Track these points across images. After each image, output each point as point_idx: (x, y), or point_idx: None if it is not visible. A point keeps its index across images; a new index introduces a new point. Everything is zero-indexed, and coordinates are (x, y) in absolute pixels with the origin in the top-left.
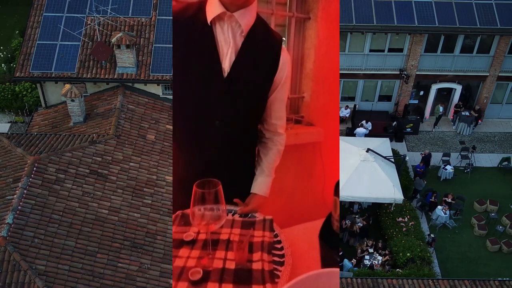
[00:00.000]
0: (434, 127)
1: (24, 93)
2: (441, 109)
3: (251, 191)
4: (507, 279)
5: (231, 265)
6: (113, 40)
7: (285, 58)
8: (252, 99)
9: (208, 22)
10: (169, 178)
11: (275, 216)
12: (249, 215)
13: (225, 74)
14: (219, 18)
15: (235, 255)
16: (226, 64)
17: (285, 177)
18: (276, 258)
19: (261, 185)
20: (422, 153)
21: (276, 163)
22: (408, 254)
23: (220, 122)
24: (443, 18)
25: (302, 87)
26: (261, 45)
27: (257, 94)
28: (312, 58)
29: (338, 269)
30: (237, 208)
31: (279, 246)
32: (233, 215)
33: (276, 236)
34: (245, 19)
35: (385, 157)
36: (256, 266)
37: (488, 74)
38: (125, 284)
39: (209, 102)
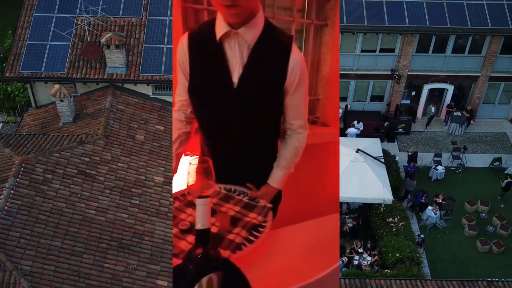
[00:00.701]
0: (426, 128)
1: (16, 93)
2: (433, 109)
3: (267, 181)
4: (497, 279)
5: (214, 229)
6: (103, 40)
7: (296, 60)
8: (264, 108)
9: (217, 39)
10: (158, 179)
11: (290, 210)
12: (255, 200)
13: (235, 87)
14: (226, 35)
15: (220, 223)
16: (235, 77)
17: (301, 175)
18: (250, 237)
19: (275, 176)
20: (409, 151)
21: (293, 159)
22: (398, 255)
23: (235, 134)
24: (434, 18)
25: (318, 90)
26: (269, 54)
27: (269, 102)
28: (328, 63)
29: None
30: (248, 191)
31: (260, 229)
32: (242, 196)
33: (264, 222)
34: (250, 33)
35: (375, 158)
36: (230, 236)
37: (480, 75)
38: (111, 284)
39: (224, 116)
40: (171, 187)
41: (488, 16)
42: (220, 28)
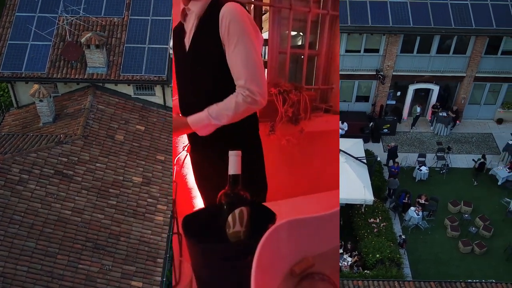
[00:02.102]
0: (411, 128)
1: (1, 93)
2: (418, 109)
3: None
4: (476, 280)
5: None
6: (83, 40)
7: (224, 11)
8: (212, 69)
9: (182, 19)
10: (136, 179)
11: (300, 194)
12: None
13: (186, 51)
14: (183, 12)
15: None
16: (187, 43)
17: (313, 160)
18: None
19: (196, 115)
20: (389, 145)
21: (225, 110)
22: (378, 255)
23: (195, 95)
24: (418, 18)
25: (331, 79)
26: (211, 19)
27: (214, 62)
28: (338, 53)
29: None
30: None
31: None
32: None
33: None
34: (197, 5)
35: (356, 158)
36: None
37: (465, 75)
38: (84, 285)
39: (185, 78)
40: (150, 187)
41: (472, 16)
42: (180, 8)
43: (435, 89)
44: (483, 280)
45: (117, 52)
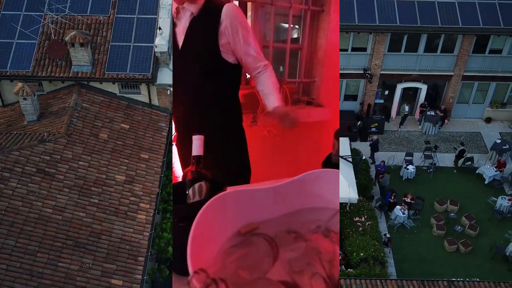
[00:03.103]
0: (400, 127)
1: None
2: (406, 108)
3: (270, 107)
4: (458, 279)
5: None
6: (67, 38)
7: (226, 10)
8: (206, 64)
9: (174, 17)
10: (119, 177)
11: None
12: None
13: (179, 49)
14: (177, 11)
15: None
16: (180, 42)
17: (298, 151)
18: None
19: (276, 99)
20: (370, 139)
21: (276, 84)
22: (362, 254)
23: (191, 90)
24: (405, 17)
25: (313, 72)
26: (204, 18)
27: (211, 57)
28: (324, 47)
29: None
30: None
31: None
32: None
33: None
34: (192, 6)
35: (341, 157)
36: None
37: (453, 74)
38: (64, 283)
39: (182, 76)
40: (133, 185)
41: (459, 15)
42: (174, 8)
43: (423, 88)
44: (467, 279)
45: (102, 51)
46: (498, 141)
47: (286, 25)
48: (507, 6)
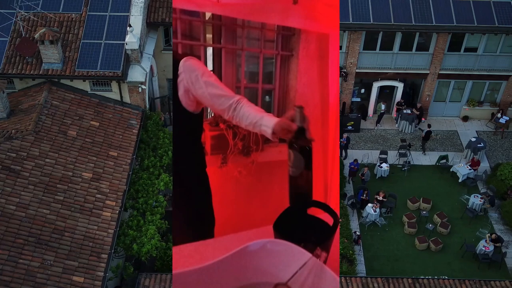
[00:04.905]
0: (376, 125)
1: None
2: (383, 107)
3: (268, 128)
4: (429, 277)
5: None
6: (36, 35)
7: (182, 64)
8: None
9: None
10: (86, 175)
11: (264, 223)
12: None
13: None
14: None
15: None
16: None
17: (272, 189)
18: None
19: (269, 119)
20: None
21: (258, 109)
22: None
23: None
24: (379, 15)
25: (286, 111)
26: (174, 68)
27: (174, 106)
28: (294, 88)
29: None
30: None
31: None
32: None
33: None
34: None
35: None
36: None
37: (428, 72)
38: (24, 280)
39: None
40: (100, 183)
41: (433, 13)
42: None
43: (400, 86)
44: (436, 277)
45: (73, 48)
46: (473, 139)
47: (258, 68)
48: (481, 4)
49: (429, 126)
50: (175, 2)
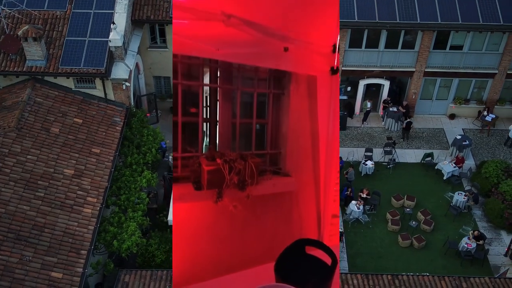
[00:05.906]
0: (362, 123)
1: None
2: (368, 104)
3: None
4: (411, 274)
5: None
6: (20, 33)
7: None
8: None
9: None
10: (68, 171)
11: (258, 259)
12: None
13: None
14: None
15: None
16: None
17: (266, 223)
18: None
19: None
20: None
21: None
22: None
23: None
24: (364, 13)
25: (279, 144)
26: None
27: None
28: (286, 123)
29: None
30: None
31: None
32: None
33: None
34: None
35: None
36: None
37: (414, 70)
38: (1, 275)
39: None
40: (81, 180)
41: (418, 10)
42: None
43: (386, 84)
44: (417, 274)
45: (57, 45)
46: (459, 137)
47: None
48: (466, 2)
49: (409, 117)
50: (175, 48)
